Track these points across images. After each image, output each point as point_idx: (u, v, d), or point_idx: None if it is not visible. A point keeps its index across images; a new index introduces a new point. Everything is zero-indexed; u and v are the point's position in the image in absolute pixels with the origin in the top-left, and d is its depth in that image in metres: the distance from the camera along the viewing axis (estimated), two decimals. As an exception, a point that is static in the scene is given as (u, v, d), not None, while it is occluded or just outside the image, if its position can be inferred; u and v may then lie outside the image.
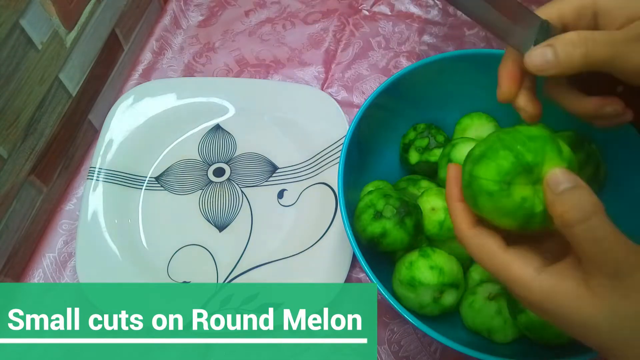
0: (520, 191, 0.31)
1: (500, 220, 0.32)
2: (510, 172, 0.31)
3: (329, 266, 0.52)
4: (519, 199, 0.31)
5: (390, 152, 0.54)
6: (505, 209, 0.31)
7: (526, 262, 0.30)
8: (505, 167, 0.31)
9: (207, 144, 0.60)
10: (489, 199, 0.31)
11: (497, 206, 0.31)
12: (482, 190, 0.32)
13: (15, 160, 0.50)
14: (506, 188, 0.31)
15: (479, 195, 0.32)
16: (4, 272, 0.52)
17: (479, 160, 0.32)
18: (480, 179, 0.32)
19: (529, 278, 0.29)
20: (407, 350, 0.50)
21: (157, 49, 0.67)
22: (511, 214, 0.31)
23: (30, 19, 0.47)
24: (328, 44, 0.68)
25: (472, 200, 0.33)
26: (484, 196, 0.32)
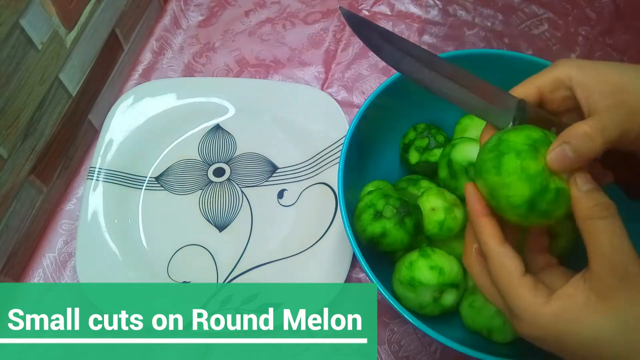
0: (543, 160, 0.33)
1: (517, 187, 0.33)
2: (538, 140, 0.33)
3: (329, 266, 0.52)
4: (542, 166, 0.32)
5: (390, 152, 0.54)
6: (528, 171, 0.32)
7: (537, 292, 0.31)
8: (534, 136, 0.33)
9: (207, 144, 0.60)
10: (516, 157, 0.33)
11: (522, 165, 0.33)
12: (510, 149, 0.33)
13: (15, 160, 0.50)
14: (534, 150, 0.33)
15: (506, 154, 0.33)
16: (4, 272, 0.52)
17: (509, 131, 0.34)
18: (510, 141, 0.33)
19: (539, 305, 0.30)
20: (407, 350, 0.50)
21: (157, 49, 0.67)
22: (531, 178, 0.32)
23: (30, 19, 0.47)
24: (328, 44, 0.68)
25: (495, 162, 0.34)
26: (510, 155, 0.33)
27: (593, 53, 0.67)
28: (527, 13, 0.71)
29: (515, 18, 0.70)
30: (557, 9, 0.71)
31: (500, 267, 0.32)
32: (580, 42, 0.68)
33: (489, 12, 0.71)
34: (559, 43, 0.68)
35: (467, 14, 0.71)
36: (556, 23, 0.70)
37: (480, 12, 0.71)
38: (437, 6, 0.71)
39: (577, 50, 0.67)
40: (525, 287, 0.31)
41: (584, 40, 0.68)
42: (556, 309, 0.30)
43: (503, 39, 0.68)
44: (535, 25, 0.70)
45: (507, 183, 0.33)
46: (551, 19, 0.70)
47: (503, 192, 0.33)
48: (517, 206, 0.33)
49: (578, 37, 0.69)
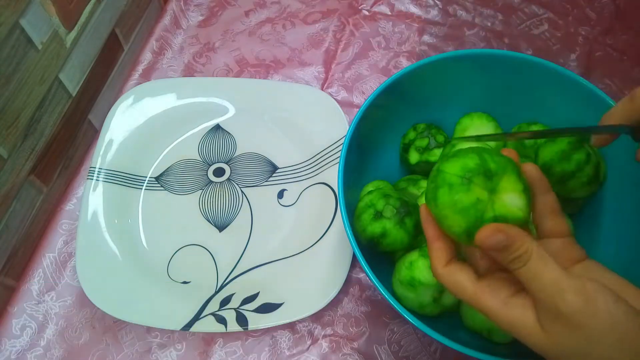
0: (477, 191, 0.33)
1: (453, 219, 0.33)
2: (472, 171, 0.34)
3: (329, 266, 0.52)
4: (474, 198, 0.33)
5: (390, 152, 0.54)
6: (460, 205, 0.33)
7: (494, 293, 0.33)
8: (470, 165, 0.34)
9: (207, 144, 0.60)
10: (449, 191, 0.34)
11: (454, 199, 0.33)
12: (444, 182, 0.34)
13: (15, 160, 0.50)
14: (466, 183, 0.33)
15: (440, 188, 0.34)
16: (4, 272, 0.52)
17: (449, 159, 0.35)
18: (445, 172, 0.34)
19: (496, 309, 0.32)
20: (407, 350, 0.50)
21: (157, 49, 0.67)
22: (464, 211, 0.33)
23: (30, 19, 0.47)
24: (328, 44, 0.68)
25: (433, 194, 0.35)
26: (444, 188, 0.34)
27: (593, 53, 0.67)
28: (527, 13, 0.71)
29: (515, 18, 0.70)
30: (557, 9, 0.71)
31: (453, 284, 0.34)
32: (580, 42, 0.68)
33: (489, 12, 0.71)
34: (559, 43, 0.68)
35: (467, 14, 0.71)
36: (556, 23, 0.70)
37: (480, 12, 0.71)
38: (437, 6, 0.71)
39: (577, 50, 0.68)
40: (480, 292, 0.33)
41: (584, 40, 0.68)
42: (510, 318, 0.32)
43: (503, 39, 0.69)
44: (535, 25, 0.70)
45: (444, 215, 0.34)
46: (551, 19, 0.70)
47: (444, 222, 0.34)
48: (458, 235, 0.34)
49: (578, 37, 0.69)
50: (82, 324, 0.51)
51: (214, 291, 0.51)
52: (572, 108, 0.48)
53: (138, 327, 0.51)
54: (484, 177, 0.33)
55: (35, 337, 0.50)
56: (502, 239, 0.31)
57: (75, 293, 0.52)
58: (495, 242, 0.31)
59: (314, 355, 0.50)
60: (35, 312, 0.51)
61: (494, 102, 0.52)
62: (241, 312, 0.49)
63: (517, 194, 0.34)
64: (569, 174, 0.45)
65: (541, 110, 0.50)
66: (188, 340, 0.51)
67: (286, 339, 0.51)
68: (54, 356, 0.49)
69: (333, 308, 0.52)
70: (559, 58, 0.67)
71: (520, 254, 0.31)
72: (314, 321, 0.51)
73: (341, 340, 0.51)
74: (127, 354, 0.50)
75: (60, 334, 0.50)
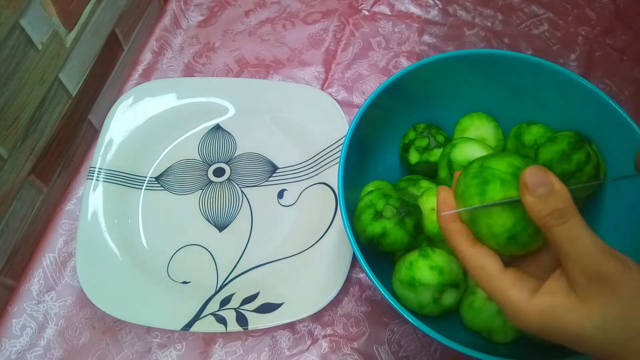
0: None
1: (499, 216, 0.33)
2: (521, 167, 0.33)
3: (329, 266, 0.52)
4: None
5: (390, 152, 0.54)
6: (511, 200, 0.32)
7: (522, 285, 0.31)
8: (516, 163, 0.34)
9: (207, 144, 0.60)
10: (501, 186, 0.33)
11: (506, 195, 0.32)
12: (495, 177, 0.33)
13: (15, 160, 0.50)
14: (517, 180, 0.32)
15: (490, 182, 0.33)
16: (4, 272, 0.52)
17: (491, 157, 0.35)
18: (494, 168, 0.33)
19: (524, 302, 0.30)
20: (407, 350, 0.50)
21: (157, 49, 0.67)
22: (514, 209, 0.32)
23: (30, 19, 0.47)
24: (328, 44, 0.68)
25: (478, 189, 0.34)
26: (496, 183, 0.33)
27: (593, 53, 0.67)
28: (527, 13, 0.71)
29: (515, 18, 0.70)
30: (557, 9, 0.71)
31: (478, 269, 0.32)
32: (580, 42, 0.68)
33: (489, 12, 0.71)
34: (559, 43, 0.68)
35: (467, 14, 0.71)
36: (556, 23, 0.70)
37: (480, 12, 0.71)
38: (437, 6, 0.71)
39: (577, 50, 0.68)
40: (508, 284, 0.31)
41: (584, 40, 0.68)
42: (540, 307, 0.30)
43: (503, 39, 0.69)
44: (535, 25, 0.70)
45: (490, 211, 0.33)
46: (551, 19, 0.70)
47: (485, 219, 0.33)
48: (497, 235, 0.33)
49: (578, 37, 0.69)
50: (82, 324, 0.51)
51: (214, 291, 0.51)
52: (572, 108, 0.48)
53: (138, 327, 0.51)
54: None
55: (35, 337, 0.50)
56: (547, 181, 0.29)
57: (75, 293, 0.52)
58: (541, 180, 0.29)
59: (314, 355, 0.50)
60: (35, 312, 0.51)
61: (493, 102, 0.52)
62: (241, 312, 0.49)
63: None
64: (569, 174, 0.45)
65: (541, 110, 0.50)
66: (188, 340, 0.51)
67: (286, 339, 0.51)
68: (54, 356, 0.49)
69: (333, 308, 0.52)
70: (559, 58, 0.67)
71: (563, 207, 0.29)
72: (314, 321, 0.51)
73: (341, 340, 0.51)
74: (127, 354, 0.50)
75: (60, 334, 0.50)
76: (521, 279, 0.31)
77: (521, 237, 0.33)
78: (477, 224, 0.34)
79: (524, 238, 0.33)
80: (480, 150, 0.47)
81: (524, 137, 0.50)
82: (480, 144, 0.48)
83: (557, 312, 0.29)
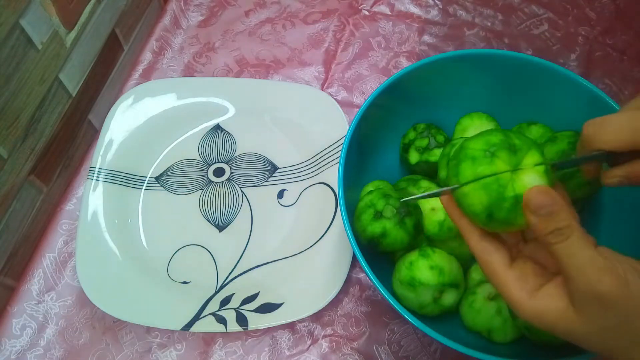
0: (499, 165, 0.33)
1: (474, 196, 0.33)
2: (496, 145, 0.33)
3: (329, 266, 0.52)
4: (498, 169, 0.32)
5: (390, 152, 0.54)
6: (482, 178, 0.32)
7: (522, 284, 0.32)
8: (493, 140, 0.33)
9: (207, 144, 0.60)
10: (472, 164, 0.33)
11: (476, 172, 0.33)
12: (467, 156, 0.34)
13: (15, 160, 0.50)
14: (489, 156, 0.33)
15: (462, 162, 0.34)
16: (4, 272, 0.52)
17: (473, 138, 0.35)
18: (469, 148, 0.34)
19: (523, 300, 0.31)
20: (407, 350, 0.50)
21: (157, 49, 0.67)
22: (487, 186, 0.32)
23: (30, 19, 0.47)
24: (328, 44, 0.68)
25: (454, 170, 0.34)
26: (467, 162, 0.33)
27: (593, 53, 0.67)
28: (527, 13, 0.71)
29: (515, 18, 0.70)
30: (557, 9, 0.71)
31: (485, 264, 0.33)
32: (580, 42, 0.68)
33: (489, 12, 0.71)
34: (559, 43, 0.68)
35: (467, 14, 0.71)
36: (556, 23, 0.70)
37: (480, 12, 0.71)
38: (437, 6, 0.71)
39: (577, 50, 0.68)
40: (509, 281, 0.32)
41: (584, 40, 0.68)
42: (536, 308, 0.31)
43: (503, 39, 0.68)
44: (535, 25, 0.70)
45: (465, 192, 0.33)
46: (551, 19, 0.70)
47: (464, 200, 0.34)
48: (477, 214, 0.33)
49: (578, 37, 0.69)
50: (82, 324, 0.51)
51: (214, 291, 0.51)
52: (572, 108, 0.48)
53: (138, 327, 0.51)
54: (508, 151, 0.33)
55: (35, 337, 0.50)
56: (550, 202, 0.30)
57: (75, 293, 0.52)
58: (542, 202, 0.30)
59: (314, 355, 0.50)
60: (35, 312, 0.51)
61: (494, 102, 0.52)
62: (241, 312, 0.49)
63: (539, 175, 0.32)
64: (569, 174, 0.45)
65: (541, 110, 0.50)
66: (188, 340, 0.51)
67: (286, 339, 0.51)
68: (54, 356, 0.49)
69: (333, 308, 0.52)
70: (559, 58, 0.67)
71: (563, 226, 0.29)
72: (314, 321, 0.51)
73: (341, 340, 0.51)
74: (127, 354, 0.50)
75: (60, 334, 0.50)
76: (523, 278, 0.32)
77: (498, 213, 0.32)
78: (462, 206, 0.34)
79: (502, 214, 0.32)
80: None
81: (524, 137, 0.50)
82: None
83: (551, 317, 0.31)
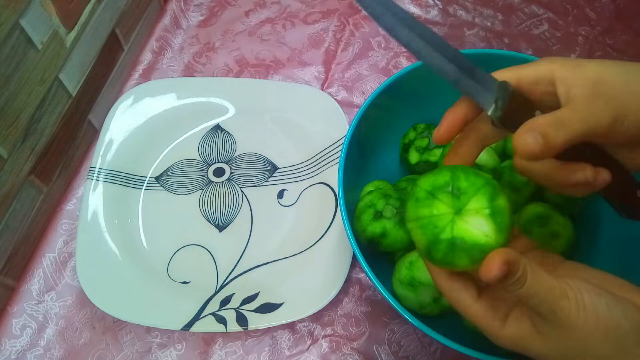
0: (439, 207, 0.32)
1: (416, 233, 0.33)
2: (440, 187, 0.33)
3: (329, 266, 0.52)
4: (435, 212, 0.32)
5: (390, 152, 0.54)
6: (421, 220, 0.33)
7: (493, 314, 0.33)
8: (439, 181, 0.33)
9: (207, 144, 0.60)
10: (415, 204, 0.33)
11: (417, 214, 0.33)
12: (413, 195, 0.34)
13: (15, 160, 0.50)
14: (430, 198, 0.33)
15: (409, 201, 0.34)
16: (4, 272, 0.52)
17: (424, 176, 0.34)
18: (417, 186, 0.34)
19: (496, 330, 0.33)
20: (407, 350, 0.50)
21: (157, 49, 0.67)
22: (424, 227, 0.32)
23: (30, 19, 0.47)
24: (328, 44, 0.68)
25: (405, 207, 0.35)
26: (412, 201, 0.34)
27: (593, 53, 0.67)
28: (527, 13, 0.71)
29: (515, 18, 0.70)
30: (557, 9, 0.71)
31: (455, 302, 0.34)
32: (580, 42, 0.68)
33: (489, 12, 0.71)
34: (559, 43, 0.68)
35: (467, 14, 0.71)
36: (556, 23, 0.70)
37: (480, 12, 0.71)
38: (437, 6, 0.71)
39: (577, 50, 0.68)
40: (480, 314, 0.33)
41: (584, 40, 0.68)
42: (510, 334, 0.32)
43: (503, 39, 0.69)
44: (535, 25, 0.70)
45: (411, 228, 0.34)
46: (551, 19, 0.70)
47: (412, 236, 0.34)
48: (421, 251, 0.33)
49: (578, 37, 0.69)
50: (82, 324, 0.51)
51: (214, 291, 0.51)
52: (572, 108, 0.48)
53: (138, 327, 0.51)
54: (451, 195, 0.32)
55: (35, 337, 0.50)
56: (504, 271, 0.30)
57: (75, 293, 0.52)
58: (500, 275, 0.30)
59: (314, 355, 0.50)
60: (35, 312, 0.51)
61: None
62: (241, 312, 0.49)
63: (483, 217, 0.31)
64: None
65: (541, 110, 0.50)
66: (188, 340, 0.51)
67: (286, 339, 0.51)
68: (54, 356, 0.49)
69: (333, 308, 0.52)
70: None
71: (519, 277, 0.30)
72: (314, 321, 0.51)
73: (341, 340, 0.51)
74: (127, 354, 0.50)
75: (60, 334, 0.50)
76: (492, 308, 0.33)
77: (435, 254, 0.32)
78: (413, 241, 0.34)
79: (439, 255, 0.32)
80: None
81: (524, 137, 0.50)
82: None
83: (524, 341, 0.32)
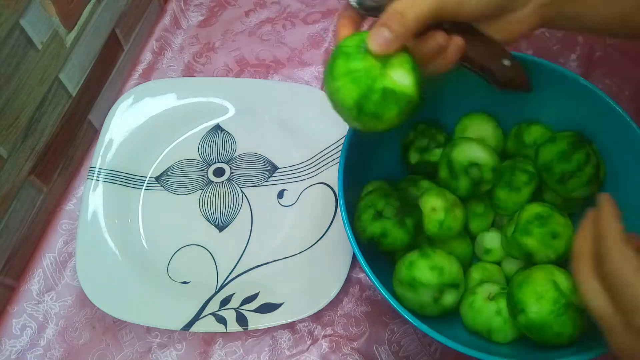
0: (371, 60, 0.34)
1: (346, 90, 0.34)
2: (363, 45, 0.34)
3: (329, 266, 0.52)
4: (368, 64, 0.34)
5: (390, 152, 0.54)
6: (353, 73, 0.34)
7: None
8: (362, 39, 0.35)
9: (207, 144, 0.60)
10: (345, 59, 0.34)
11: (349, 67, 0.34)
12: (341, 52, 0.35)
13: (15, 160, 0.50)
14: (362, 52, 0.34)
15: (337, 59, 0.35)
16: (4, 272, 0.52)
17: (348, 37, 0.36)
18: (344, 45, 0.35)
19: None
20: (407, 350, 0.50)
21: (157, 49, 0.67)
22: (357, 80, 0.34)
23: (30, 19, 0.47)
24: (328, 44, 0.68)
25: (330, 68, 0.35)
26: (341, 58, 0.35)
27: (593, 53, 0.67)
28: (527, 13, 0.71)
29: (515, 18, 0.70)
30: (557, 9, 0.71)
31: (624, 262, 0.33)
32: (580, 42, 0.68)
33: (489, 12, 0.71)
34: (559, 43, 0.68)
35: (467, 14, 0.71)
36: (556, 23, 0.70)
37: (480, 12, 0.71)
38: (437, 6, 0.71)
39: (577, 50, 0.67)
40: None
41: (584, 40, 0.68)
42: None
43: (503, 39, 0.68)
44: (535, 25, 0.70)
45: (338, 87, 0.35)
46: (551, 19, 0.70)
47: (337, 96, 0.35)
48: (349, 108, 0.35)
49: (578, 37, 0.68)
50: (82, 324, 0.51)
51: (214, 291, 0.51)
52: (572, 108, 0.48)
53: (138, 327, 0.51)
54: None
55: (35, 337, 0.50)
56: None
57: (75, 293, 0.52)
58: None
59: (314, 355, 0.50)
60: (35, 312, 0.51)
61: (494, 102, 0.52)
62: (241, 312, 0.49)
63: (405, 71, 0.34)
64: (569, 173, 0.45)
65: (541, 110, 0.50)
66: (188, 340, 0.51)
67: (286, 339, 0.51)
68: (54, 356, 0.49)
69: (333, 308, 0.52)
70: (559, 58, 0.67)
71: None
72: (314, 321, 0.51)
73: (341, 340, 0.51)
74: (127, 354, 0.50)
75: (60, 334, 0.50)
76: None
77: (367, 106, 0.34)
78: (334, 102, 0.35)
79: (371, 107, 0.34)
80: (481, 150, 0.47)
81: (524, 137, 0.50)
82: (480, 143, 0.48)
83: None
